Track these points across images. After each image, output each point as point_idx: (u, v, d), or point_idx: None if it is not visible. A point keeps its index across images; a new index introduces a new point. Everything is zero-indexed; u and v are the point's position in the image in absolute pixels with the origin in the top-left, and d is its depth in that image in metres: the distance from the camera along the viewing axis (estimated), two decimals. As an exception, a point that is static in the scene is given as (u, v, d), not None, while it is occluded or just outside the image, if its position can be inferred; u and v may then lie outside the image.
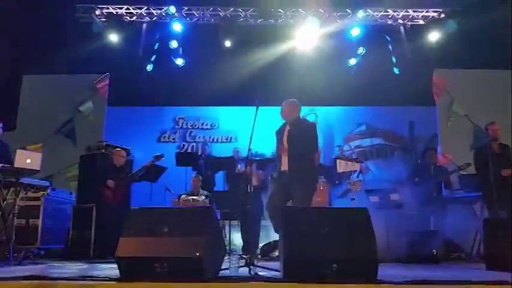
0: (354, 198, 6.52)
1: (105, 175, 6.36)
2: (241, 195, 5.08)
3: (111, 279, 2.90)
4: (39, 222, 5.89)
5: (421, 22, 9.08)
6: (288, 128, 4.69)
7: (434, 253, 5.44)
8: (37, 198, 5.93)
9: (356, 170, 7.16)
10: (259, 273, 3.36)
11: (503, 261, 3.97)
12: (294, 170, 4.42)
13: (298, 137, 4.55)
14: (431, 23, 8.96)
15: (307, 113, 10.04)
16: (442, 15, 8.81)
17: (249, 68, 8.78)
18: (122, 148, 6.93)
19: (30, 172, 5.16)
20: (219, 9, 8.84)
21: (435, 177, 6.37)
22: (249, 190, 4.47)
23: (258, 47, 9.00)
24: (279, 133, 4.77)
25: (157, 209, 3.43)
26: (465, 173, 7.08)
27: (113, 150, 6.82)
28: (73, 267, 4.34)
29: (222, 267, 3.38)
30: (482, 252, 4.74)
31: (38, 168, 5.15)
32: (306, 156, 4.52)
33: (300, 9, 8.83)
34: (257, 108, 4.32)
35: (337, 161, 7.52)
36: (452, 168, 6.60)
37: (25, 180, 5.18)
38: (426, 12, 8.92)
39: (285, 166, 4.49)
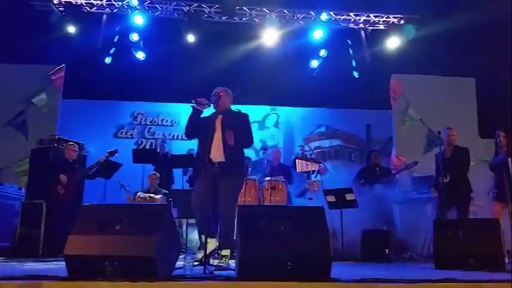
0: (311, 198, 6.62)
1: (56, 170, 6.11)
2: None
3: (58, 279, 2.77)
4: (-16, 218, 5.60)
5: (382, 27, 9.32)
6: (220, 116, 4.40)
7: (387, 252, 5.59)
8: (-18, 194, 5.63)
9: (315, 170, 7.27)
10: (215, 272, 3.33)
11: (451, 261, 4.14)
12: (229, 161, 4.16)
13: (236, 128, 4.26)
14: (391, 28, 9.21)
15: (268, 112, 10.11)
16: (402, 22, 9.08)
17: (211, 65, 8.69)
18: (75, 142, 6.68)
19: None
20: (183, 4, 8.70)
21: (380, 178, 6.60)
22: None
23: (222, 44, 8.94)
24: (207, 120, 4.43)
25: (109, 206, 3.32)
26: (418, 174, 7.36)
27: (65, 144, 6.57)
28: (19, 266, 4.14)
29: (177, 266, 3.31)
30: (432, 252, 4.92)
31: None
32: (241, 148, 4.35)
33: (264, 9, 8.85)
34: (215, 107, 4.28)
35: (297, 161, 7.59)
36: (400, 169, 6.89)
37: (-31, 174, 4.90)
38: (387, 17, 9.16)
39: (217, 157, 4.19)
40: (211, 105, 4.42)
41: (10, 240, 5.95)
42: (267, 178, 6.70)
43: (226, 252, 4.12)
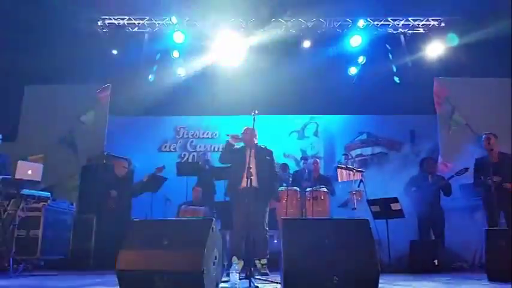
0: (355, 208, 6.49)
1: (106, 186, 6.36)
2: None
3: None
4: (40, 233, 5.86)
5: (422, 31, 9.11)
6: (253, 150, 4.99)
7: (436, 263, 5.41)
8: (38, 209, 5.89)
9: (357, 179, 7.13)
10: (260, 286, 3.34)
11: (506, 272, 3.95)
12: (261, 187, 5.01)
13: (264, 160, 5.21)
14: (431, 31, 8.99)
15: (307, 121, 10.07)
16: (443, 24, 8.84)
17: (250, 78, 8.81)
18: (124, 158, 6.93)
19: (31, 183, 5.16)
20: (220, 20, 8.87)
21: (433, 186, 6.31)
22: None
23: (260, 57, 9.03)
24: (240, 153, 5.22)
25: (157, 221, 3.42)
26: (465, 181, 7.06)
27: (114, 160, 6.82)
28: (72, 279, 4.32)
29: (222, 279, 3.36)
30: (483, 262, 4.71)
31: (39, 179, 5.16)
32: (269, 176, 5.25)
33: (300, 19, 8.89)
34: (254, 119, 4.35)
35: (338, 170, 7.50)
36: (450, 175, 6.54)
37: (26, 191, 5.18)
38: (426, 21, 8.96)
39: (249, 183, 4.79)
40: (241, 141, 5.28)
41: (63, 254, 6.21)
42: (308, 189, 6.65)
43: (264, 261, 4.99)
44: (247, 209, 4.69)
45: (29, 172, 5.04)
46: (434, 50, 8.92)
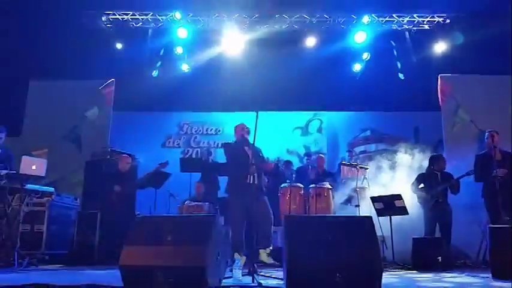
0: (358, 205, 6.48)
1: (110, 181, 6.38)
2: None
3: (115, 288, 2.90)
4: (44, 227, 5.90)
5: (427, 27, 9.06)
6: (249, 146, 5.26)
7: (440, 260, 5.39)
8: (42, 204, 5.94)
9: (361, 176, 7.11)
10: (263, 282, 3.35)
11: (509, 270, 3.93)
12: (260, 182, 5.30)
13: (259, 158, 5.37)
14: (436, 28, 8.94)
15: (311, 117, 10.05)
16: (447, 21, 8.80)
17: (253, 73, 8.80)
18: (127, 154, 6.95)
19: (36, 178, 5.19)
20: (224, 15, 8.86)
21: (442, 184, 6.26)
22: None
23: (263, 52, 9.01)
24: (237, 149, 5.42)
25: (160, 217, 3.44)
26: (470, 178, 7.02)
27: (118, 156, 6.84)
28: (77, 273, 4.35)
29: (225, 275, 3.37)
30: (487, 259, 4.70)
31: (43, 175, 5.19)
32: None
33: (304, 15, 8.86)
34: (257, 115, 4.32)
35: (342, 166, 7.50)
36: (459, 174, 6.48)
37: (30, 186, 5.21)
38: (431, 17, 8.91)
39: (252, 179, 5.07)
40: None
41: (67, 248, 6.25)
42: (312, 185, 6.64)
43: (268, 250, 5.24)
44: (249, 204, 4.90)
45: (33, 167, 5.06)
46: (439, 46, 8.87)
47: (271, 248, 5.33)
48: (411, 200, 6.33)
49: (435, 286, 3.02)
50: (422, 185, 6.39)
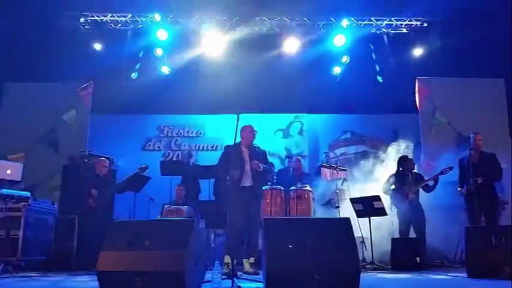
0: (338, 206, 6.54)
1: (87, 185, 6.27)
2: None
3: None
4: (20, 233, 5.74)
5: (405, 31, 9.22)
6: (248, 149, 5.22)
7: (418, 260, 5.47)
8: (18, 209, 5.76)
9: (341, 178, 7.17)
10: (242, 285, 3.35)
11: (485, 269, 4.03)
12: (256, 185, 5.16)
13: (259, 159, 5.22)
14: (414, 32, 9.10)
15: (292, 120, 10.10)
16: (425, 24, 8.96)
17: (234, 76, 8.79)
18: (105, 157, 6.84)
19: (11, 183, 5.08)
20: (204, 17, 8.84)
21: (414, 184, 6.34)
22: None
23: (244, 55, 9.01)
24: (235, 152, 5.14)
25: (138, 222, 3.40)
26: (448, 180, 7.15)
27: (95, 159, 6.73)
28: (55, 281, 4.26)
29: (205, 279, 3.35)
30: (464, 259, 4.79)
31: (19, 179, 5.09)
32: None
33: (285, 18, 8.91)
34: (238, 118, 4.33)
35: (322, 168, 7.55)
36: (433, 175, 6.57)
37: (5, 191, 5.09)
38: (409, 21, 9.06)
39: (247, 182, 5.05)
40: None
41: (45, 254, 6.11)
42: (292, 187, 6.67)
43: (252, 260, 4.96)
44: (247, 208, 4.93)
45: (8, 172, 4.97)
46: (417, 50, 9.03)
47: (255, 256, 5.07)
48: (390, 201, 6.41)
49: (409, 285, 3.07)
50: (393, 186, 6.47)
